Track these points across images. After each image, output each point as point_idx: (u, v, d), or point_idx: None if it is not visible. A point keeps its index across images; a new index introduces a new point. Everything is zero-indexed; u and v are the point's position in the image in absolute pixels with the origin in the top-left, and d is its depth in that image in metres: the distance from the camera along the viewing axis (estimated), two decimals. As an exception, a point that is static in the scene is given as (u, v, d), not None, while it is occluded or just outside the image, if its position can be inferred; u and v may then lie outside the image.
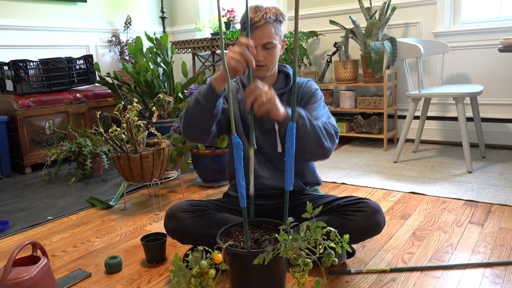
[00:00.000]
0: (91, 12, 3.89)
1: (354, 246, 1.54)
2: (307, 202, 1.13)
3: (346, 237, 1.08)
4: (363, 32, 3.13)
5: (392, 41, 3.06)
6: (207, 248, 1.23)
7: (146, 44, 3.92)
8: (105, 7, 4.01)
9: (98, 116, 2.15)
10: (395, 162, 2.78)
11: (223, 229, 1.23)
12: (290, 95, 1.52)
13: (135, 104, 2.08)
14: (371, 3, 3.10)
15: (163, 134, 2.45)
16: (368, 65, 3.06)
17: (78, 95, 3.30)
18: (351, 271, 1.43)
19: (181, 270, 1.06)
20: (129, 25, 4.08)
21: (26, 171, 3.03)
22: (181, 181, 2.57)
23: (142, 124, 2.12)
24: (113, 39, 4.03)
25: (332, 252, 1.07)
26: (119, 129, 2.06)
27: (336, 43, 3.36)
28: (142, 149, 2.13)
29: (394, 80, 3.20)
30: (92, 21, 3.90)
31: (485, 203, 2.01)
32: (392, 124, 3.36)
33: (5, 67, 3.09)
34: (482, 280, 1.35)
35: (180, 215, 1.43)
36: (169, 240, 1.68)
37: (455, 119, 3.04)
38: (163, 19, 4.44)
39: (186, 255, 1.51)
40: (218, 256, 1.08)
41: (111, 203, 2.29)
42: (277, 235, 1.10)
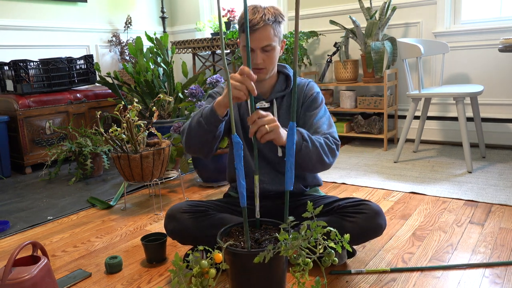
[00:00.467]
0: (91, 12, 3.89)
1: (354, 247, 1.53)
2: (308, 201, 1.13)
3: (347, 236, 1.08)
4: (363, 32, 3.13)
5: (392, 41, 3.06)
6: (207, 248, 1.23)
7: (146, 44, 3.92)
8: (105, 7, 4.01)
9: (98, 116, 2.15)
10: (395, 162, 2.78)
11: (223, 229, 1.23)
12: (291, 97, 1.51)
13: (135, 104, 2.08)
14: (371, 3, 3.10)
15: (163, 134, 2.45)
16: (368, 65, 3.06)
17: (78, 95, 3.30)
18: (351, 271, 1.43)
19: (182, 270, 1.06)
20: (129, 25, 4.08)
21: (26, 171, 3.03)
22: (181, 181, 2.57)
23: (142, 124, 2.12)
24: (113, 39, 4.03)
25: (332, 251, 1.07)
26: (119, 129, 2.06)
27: (336, 43, 3.36)
28: (142, 149, 2.13)
29: (394, 80, 3.20)
30: (92, 21, 3.90)
31: (485, 203, 2.01)
32: (392, 124, 3.36)
33: (6, 67, 3.09)
34: (482, 280, 1.35)
35: (180, 216, 1.43)
36: (169, 240, 1.68)
37: (455, 119, 3.04)
38: (163, 19, 4.44)
39: (187, 255, 1.51)
40: (219, 256, 1.08)
41: (111, 203, 2.29)
42: (277, 234, 1.10)
